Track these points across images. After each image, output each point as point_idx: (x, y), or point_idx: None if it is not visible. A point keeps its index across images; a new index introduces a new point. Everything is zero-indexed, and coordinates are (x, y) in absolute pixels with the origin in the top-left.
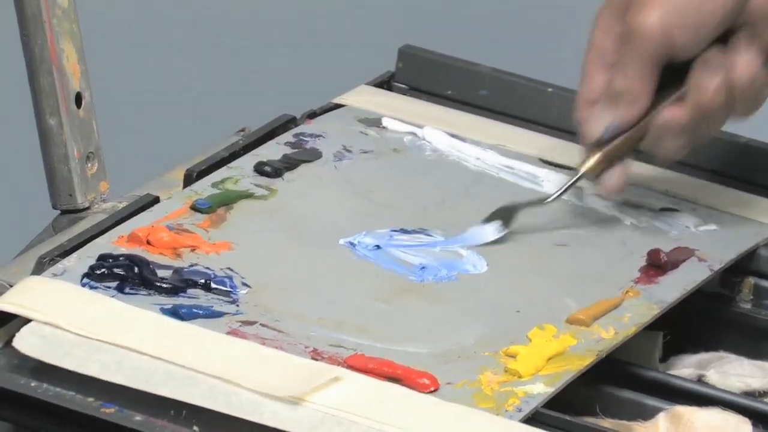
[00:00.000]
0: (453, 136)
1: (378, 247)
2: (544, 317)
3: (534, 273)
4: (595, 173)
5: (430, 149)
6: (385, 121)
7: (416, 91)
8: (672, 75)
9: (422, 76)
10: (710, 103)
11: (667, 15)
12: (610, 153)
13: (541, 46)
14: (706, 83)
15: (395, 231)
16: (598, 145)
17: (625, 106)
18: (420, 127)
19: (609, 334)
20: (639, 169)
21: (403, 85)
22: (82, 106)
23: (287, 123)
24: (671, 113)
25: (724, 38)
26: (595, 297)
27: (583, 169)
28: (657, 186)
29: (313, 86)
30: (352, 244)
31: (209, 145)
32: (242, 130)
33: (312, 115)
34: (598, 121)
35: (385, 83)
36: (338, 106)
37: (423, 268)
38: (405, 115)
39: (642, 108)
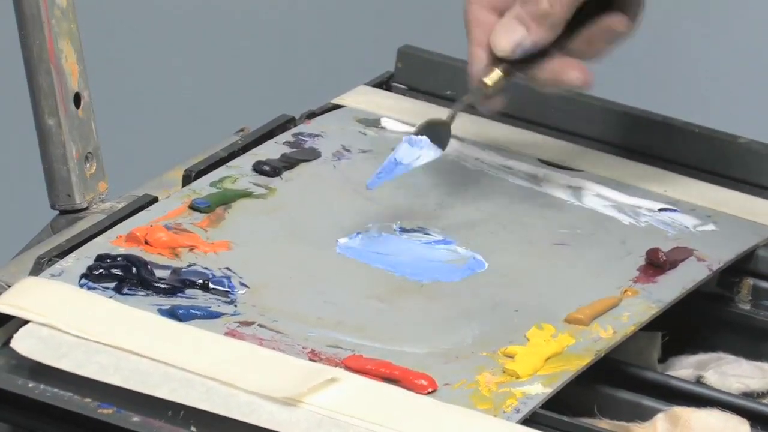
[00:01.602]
0: (452, 136)
1: (375, 250)
2: (543, 317)
3: (532, 272)
4: (492, 91)
5: None
6: (384, 122)
7: (415, 91)
8: None
9: (421, 76)
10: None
11: None
12: (510, 71)
13: None
14: None
15: (394, 230)
16: (499, 60)
17: (543, 28)
18: None
19: (608, 334)
20: (638, 169)
21: (403, 86)
22: (81, 106)
23: (286, 123)
24: (619, 20)
25: None
26: (594, 296)
27: (488, 83)
28: (656, 186)
29: (311, 86)
30: (348, 247)
31: (208, 144)
32: (241, 130)
33: (311, 115)
34: (509, 37)
35: (384, 83)
36: (337, 106)
37: (421, 267)
38: (404, 116)
39: (557, 34)
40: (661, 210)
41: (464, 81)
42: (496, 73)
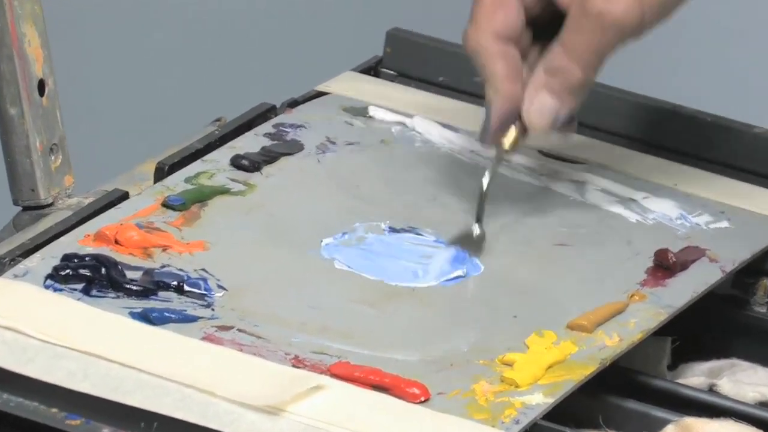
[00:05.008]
0: (445, 126)
1: (362, 252)
2: (543, 323)
3: (532, 275)
4: (508, 153)
5: (420, 140)
6: (372, 110)
7: (405, 77)
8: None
9: (412, 61)
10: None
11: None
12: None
13: None
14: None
15: (383, 230)
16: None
17: (579, 97)
18: (409, 116)
19: (613, 341)
20: (646, 161)
21: (392, 72)
22: (45, 93)
23: (266, 112)
24: None
25: None
26: (598, 301)
27: (506, 147)
28: (665, 180)
29: (294, 72)
30: (333, 248)
31: (182, 136)
32: (218, 120)
33: (293, 103)
34: (545, 113)
35: (372, 69)
36: (321, 94)
37: (412, 270)
38: (393, 104)
39: (587, 94)
40: (672, 205)
41: (457, 67)
42: (512, 134)
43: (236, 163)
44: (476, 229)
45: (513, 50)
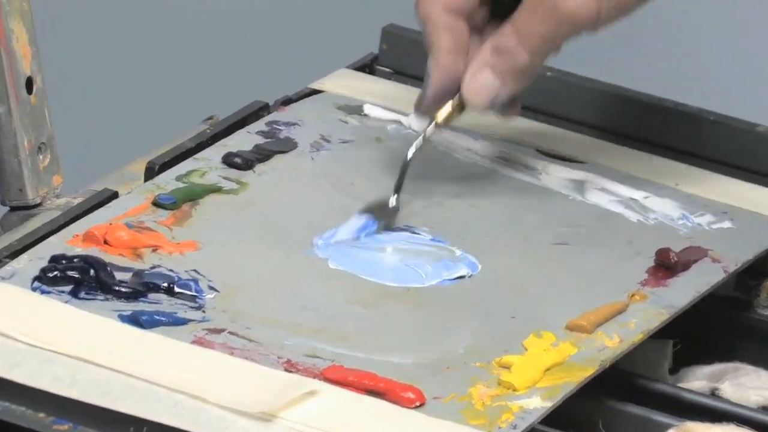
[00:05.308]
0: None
1: (356, 251)
2: (542, 324)
3: (530, 275)
4: (440, 126)
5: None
6: (367, 108)
7: (401, 75)
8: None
9: (408, 58)
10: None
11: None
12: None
13: None
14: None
15: (378, 229)
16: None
17: (522, 82)
18: (405, 114)
19: (613, 342)
20: (647, 161)
21: (387, 69)
22: (34, 91)
23: (259, 110)
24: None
25: None
26: (598, 301)
27: (439, 120)
28: (667, 179)
29: (287, 70)
30: (327, 248)
31: (173, 134)
32: (210, 118)
33: (286, 101)
34: (485, 92)
35: (367, 66)
36: (315, 91)
37: (407, 270)
38: (389, 102)
39: (530, 84)
40: (672, 204)
41: None
42: (447, 109)
43: (229, 161)
44: (393, 201)
45: (461, 24)
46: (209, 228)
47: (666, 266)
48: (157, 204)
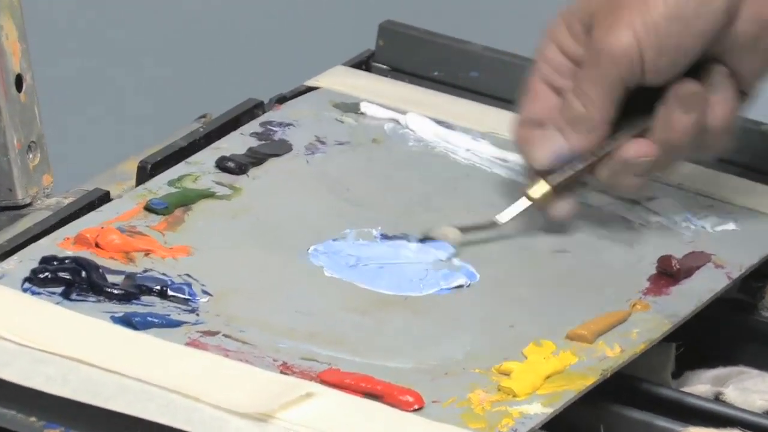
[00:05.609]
0: (440, 123)
1: (352, 260)
2: (542, 332)
3: (530, 283)
4: (544, 203)
5: (414, 139)
6: (364, 107)
7: (399, 72)
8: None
9: (405, 55)
10: (680, 142)
11: (643, 37)
12: (559, 183)
13: (539, 23)
14: (678, 121)
15: (375, 236)
16: (545, 171)
17: (580, 134)
18: (403, 113)
19: (614, 352)
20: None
21: (384, 66)
22: (23, 89)
23: (253, 109)
24: (637, 149)
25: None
26: (599, 310)
27: (534, 197)
28: (670, 180)
29: (283, 67)
30: (322, 256)
31: (166, 133)
32: (203, 117)
33: (281, 99)
34: (546, 147)
35: (364, 63)
36: (311, 89)
37: (405, 278)
38: (386, 100)
39: (599, 137)
40: (674, 207)
41: (453, 61)
42: (542, 186)
43: (222, 165)
44: (451, 233)
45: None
46: (202, 233)
47: (668, 274)
48: (149, 209)
